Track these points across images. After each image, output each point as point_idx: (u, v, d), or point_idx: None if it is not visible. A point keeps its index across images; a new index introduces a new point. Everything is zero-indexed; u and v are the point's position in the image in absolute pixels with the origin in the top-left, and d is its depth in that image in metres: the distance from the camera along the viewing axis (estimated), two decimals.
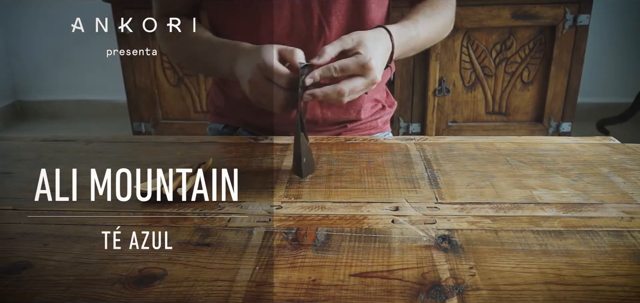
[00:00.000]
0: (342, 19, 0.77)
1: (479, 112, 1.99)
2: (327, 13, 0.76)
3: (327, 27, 0.77)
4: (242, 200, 0.57)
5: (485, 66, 1.91)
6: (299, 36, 0.77)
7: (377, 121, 0.89)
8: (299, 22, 0.76)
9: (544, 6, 1.79)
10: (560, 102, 1.93)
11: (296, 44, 0.77)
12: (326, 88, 0.61)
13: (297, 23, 0.76)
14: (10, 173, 0.67)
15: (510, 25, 1.83)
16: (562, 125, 1.97)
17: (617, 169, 0.64)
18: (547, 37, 1.85)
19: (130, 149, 0.75)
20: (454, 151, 0.71)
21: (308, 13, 0.76)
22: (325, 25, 0.77)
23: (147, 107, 2.06)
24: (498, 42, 1.87)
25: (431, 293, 0.40)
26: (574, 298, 0.40)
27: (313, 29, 0.77)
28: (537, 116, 1.98)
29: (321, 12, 0.76)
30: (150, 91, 2.03)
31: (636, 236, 0.48)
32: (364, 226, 0.51)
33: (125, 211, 0.55)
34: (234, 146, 0.76)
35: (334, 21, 0.76)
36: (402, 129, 2.04)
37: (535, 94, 1.94)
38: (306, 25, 0.76)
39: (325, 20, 0.76)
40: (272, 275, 0.43)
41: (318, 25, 0.76)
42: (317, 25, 0.76)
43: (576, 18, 1.80)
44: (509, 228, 0.50)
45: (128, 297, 0.41)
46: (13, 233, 0.51)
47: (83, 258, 0.46)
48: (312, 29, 0.77)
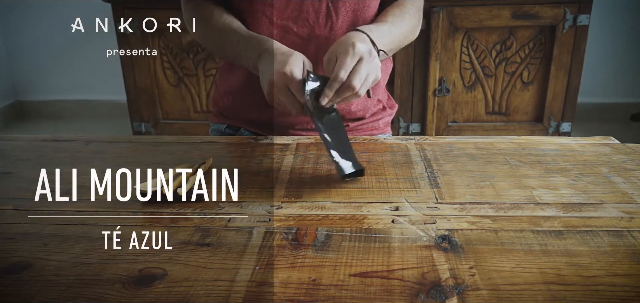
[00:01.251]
0: (349, 5, 0.77)
1: (479, 112, 1.99)
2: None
3: (335, 12, 0.77)
4: (242, 200, 0.57)
5: (485, 66, 1.91)
6: (305, 21, 0.77)
7: (378, 121, 0.90)
8: (306, 5, 0.76)
9: (544, 6, 1.79)
10: (560, 102, 1.93)
11: (303, 28, 0.77)
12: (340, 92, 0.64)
13: (305, 7, 0.76)
14: (10, 173, 0.67)
15: (510, 25, 1.83)
16: (562, 125, 1.97)
17: (617, 169, 0.64)
18: (547, 37, 1.85)
19: (130, 149, 0.75)
20: (454, 151, 0.71)
21: None
22: (332, 10, 0.77)
23: (147, 107, 2.06)
24: (498, 42, 1.87)
25: (431, 293, 0.40)
26: (574, 298, 0.40)
27: (320, 14, 0.77)
28: (537, 116, 1.98)
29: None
30: (150, 91, 2.03)
31: (636, 236, 0.48)
32: (364, 226, 0.51)
33: (125, 211, 0.55)
34: (234, 146, 0.76)
35: (341, 7, 0.77)
36: (402, 129, 2.04)
37: (535, 94, 1.94)
38: (314, 9, 0.76)
39: (333, 6, 0.77)
40: (272, 275, 0.43)
41: (326, 10, 0.77)
42: (325, 10, 0.77)
43: (576, 18, 1.80)
44: (509, 228, 0.50)
45: (128, 297, 0.41)
46: (13, 233, 0.51)
47: (83, 258, 0.46)
48: (319, 14, 0.77)
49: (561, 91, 1.91)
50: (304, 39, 0.78)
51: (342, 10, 0.77)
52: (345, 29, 0.79)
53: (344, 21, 0.78)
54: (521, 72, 1.91)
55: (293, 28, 0.78)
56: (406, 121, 2.03)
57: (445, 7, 1.81)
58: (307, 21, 0.77)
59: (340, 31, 0.79)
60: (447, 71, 1.92)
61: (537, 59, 1.89)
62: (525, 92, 1.94)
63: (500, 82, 1.93)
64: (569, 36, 1.83)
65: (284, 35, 0.79)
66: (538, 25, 1.83)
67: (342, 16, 0.78)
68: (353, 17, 0.78)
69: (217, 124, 0.93)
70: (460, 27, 1.85)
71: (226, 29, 0.77)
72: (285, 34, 0.79)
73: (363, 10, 0.79)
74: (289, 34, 0.78)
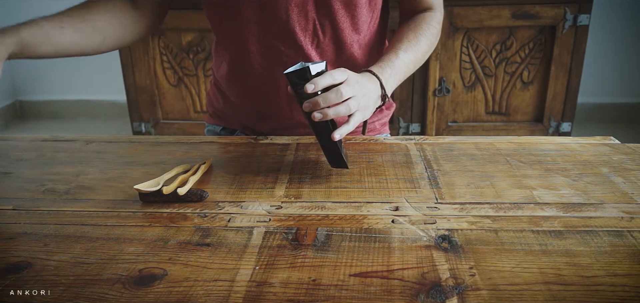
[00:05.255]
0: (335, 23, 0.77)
1: (479, 112, 1.98)
2: (321, 17, 0.76)
3: (321, 31, 0.77)
4: (242, 200, 0.57)
5: (485, 66, 1.91)
6: (292, 40, 0.76)
7: (375, 123, 0.89)
8: (293, 24, 0.75)
9: (544, 6, 1.79)
10: (560, 103, 1.93)
11: (291, 48, 0.77)
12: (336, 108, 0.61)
13: (291, 25, 0.75)
14: (10, 173, 0.67)
15: (510, 25, 1.83)
16: (562, 125, 1.97)
17: (617, 169, 0.64)
18: (547, 37, 1.85)
19: (130, 149, 0.75)
20: (454, 151, 0.71)
21: (303, 16, 0.75)
22: (319, 29, 0.76)
23: (147, 108, 2.06)
24: (498, 42, 1.87)
25: (431, 293, 0.40)
26: (574, 298, 0.40)
27: (307, 33, 0.76)
28: (537, 116, 1.98)
29: (316, 16, 0.76)
30: (150, 91, 2.03)
31: (636, 236, 0.48)
32: (364, 226, 0.51)
33: (125, 211, 0.55)
34: (234, 146, 0.76)
35: (328, 25, 0.76)
36: (402, 129, 2.04)
37: (535, 94, 1.94)
38: (301, 27, 0.76)
39: (320, 24, 0.76)
40: (272, 275, 0.43)
41: (312, 29, 0.76)
42: (312, 29, 0.76)
43: (576, 18, 1.80)
44: (509, 228, 0.50)
45: (128, 297, 0.41)
46: (13, 233, 0.51)
47: (83, 258, 0.46)
48: (306, 33, 0.76)
49: (561, 91, 1.91)
50: (291, 57, 0.78)
51: (328, 27, 0.77)
52: (332, 47, 0.78)
53: (331, 39, 0.78)
54: (521, 72, 1.91)
55: (280, 47, 0.77)
56: (406, 121, 2.03)
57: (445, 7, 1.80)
58: (295, 40, 0.77)
59: (327, 48, 0.78)
60: (447, 71, 1.92)
61: (537, 59, 1.89)
62: (525, 92, 1.94)
63: (500, 82, 1.93)
64: (569, 36, 1.83)
65: (271, 52, 0.78)
66: (538, 25, 1.83)
67: (328, 34, 0.77)
68: (340, 34, 0.77)
69: (212, 125, 0.93)
70: (460, 27, 1.85)
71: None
72: (273, 52, 0.78)
73: (351, 27, 0.78)
74: (277, 52, 0.78)
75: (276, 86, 0.81)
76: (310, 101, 0.59)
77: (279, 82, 0.80)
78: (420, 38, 0.80)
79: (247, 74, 0.81)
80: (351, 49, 0.80)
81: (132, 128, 2.11)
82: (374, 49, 0.85)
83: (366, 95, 0.65)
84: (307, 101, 0.59)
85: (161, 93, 2.05)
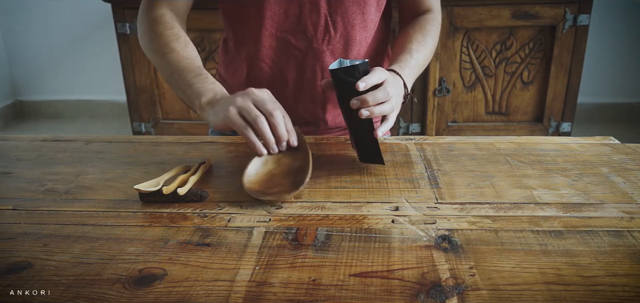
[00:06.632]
0: (346, 19, 0.77)
1: (479, 112, 1.99)
2: (333, 13, 0.76)
3: (333, 26, 0.77)
4: (242, 200, 0.57)
5: (485, 66, 1.91)
6: (304, 34, 0.77)
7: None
8: (305, 19, 0.76)
9: (544, 6, 1.79)
10: (560, 103, 1.93)
11: (301, 41, 0.78)
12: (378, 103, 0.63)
13: (304, 20, 0.76)
14: (10, 173, 0.67)
15: (510, 25, 1.83)
16: (562, 125, 1.97)
17: (617, 169, 0.64)
18: (547, 37, 1.85)
19: (130, 149, 0.75)
20: (454, 151, 0.71)
21: (315, 12, 0.76)
22: (330, 24, 0.77)
23: (147, 108, 2.06)
24: (498, 42, 1.87)
25: (431, 293, 0.40)
26: (574, 298, 0.40)
27: (319, 28, 0.77)
28: (537, 116, 1.98)
29: (328, 12, 0.76)
30: (150, 91, 2.03)
31: (636, 236, 0.48)
32: (364, 226, 0.51)
33: (125, 211, 0.55)
34: (234, 146, 0.76)
35: (339, 21, 0.77)
36: (402, 129, 2.04)
37: (535, 94, 1.94)
38: (312, 22, 0.77)
39: (332, 19, 0.77)
40: (272, 275, 0.43)
41: (324, 24, 0.77)
42: (324, 24, 0.77)
43: (576, 18, 1.80)
44: (509, 228, 0.50)
45: (128, 297, 0.41)
46: (13, 233, 0.51)
47: (83, 258, 0.46)
48: (317, 28, 0.77)
49: (561, 91, 1.91)
50: (302, 51, 0.79)
51: (340, 24, 0.77)
52: (342, 44, 0.79)
53: (341, 35, 0.78)
54: (521, 72, 1.91)
55: (291, 41, 0.78)
56: (406, 121, 2.03)
57: (445, 7, 1.81)
58: (306, 34, 0.78)
59: (338, 44, 0.79)
60: (447, 71, 1.92)
61: (537, 59, 1.89)
62: (525, 92, 1.94)
63: (500, 82, 1.93)
64: (569, 36, 1.83)
65: (283, 47, 0.79)
66: (538, 25, 1.83)
67: (340, 30, 0.78)
68: (351, 31, 0.78)
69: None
70: (460, 27, 1.85)
71: (173, 63, 0.74)
72: (284, 46, 0.79)
73: (361, 25, 0.79)
74: (288, 46, 0.79)
75: (284, 80, 0.82)
76: (359, 98, 0.61)
77: (286, 77, 0.82)
78: (428, 38, 0.82)
79: (258, 69, 0.82)
80: (359, 46, 0.81)
81: (132, 128, 2.11)
82: (378, 48, 0.86)
83: (399, 94, 0.69)
84: (355, 98, 0.61)
85: (161, 93, 2.05)
